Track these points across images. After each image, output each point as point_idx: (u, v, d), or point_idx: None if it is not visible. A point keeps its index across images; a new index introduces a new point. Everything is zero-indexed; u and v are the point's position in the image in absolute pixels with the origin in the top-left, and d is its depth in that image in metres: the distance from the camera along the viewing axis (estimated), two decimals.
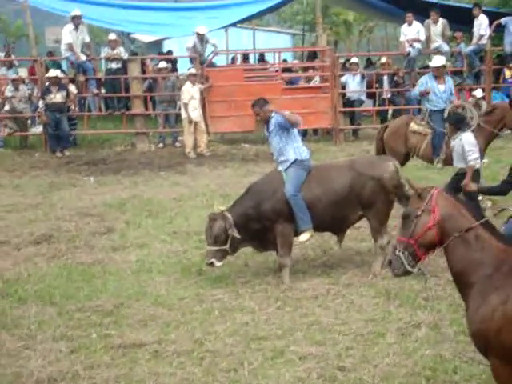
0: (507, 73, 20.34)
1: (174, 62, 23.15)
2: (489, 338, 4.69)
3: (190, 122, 17.07)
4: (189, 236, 10.57)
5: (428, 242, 5.04)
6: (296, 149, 8.80)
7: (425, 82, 12.58)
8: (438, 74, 12.53)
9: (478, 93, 18.98)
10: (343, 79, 19.69)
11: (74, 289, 8.53)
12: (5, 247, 10.30)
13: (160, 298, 8.20)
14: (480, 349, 4.87)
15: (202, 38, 18.79)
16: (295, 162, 8.72)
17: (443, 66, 12.74)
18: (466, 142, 9.61)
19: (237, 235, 8.45)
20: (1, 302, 8.18)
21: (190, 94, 17.07)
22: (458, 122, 9.81)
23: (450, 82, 12.77)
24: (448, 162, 11.18)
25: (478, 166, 9.68)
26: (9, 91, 19.07)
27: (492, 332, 4.66)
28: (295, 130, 8.91)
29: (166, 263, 9.46)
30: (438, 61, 12.71)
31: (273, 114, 8.85)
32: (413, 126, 12.09)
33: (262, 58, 26.74)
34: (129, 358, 6.69)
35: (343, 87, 19.63)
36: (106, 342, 7.02)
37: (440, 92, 12.34)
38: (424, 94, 12.43)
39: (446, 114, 11.66)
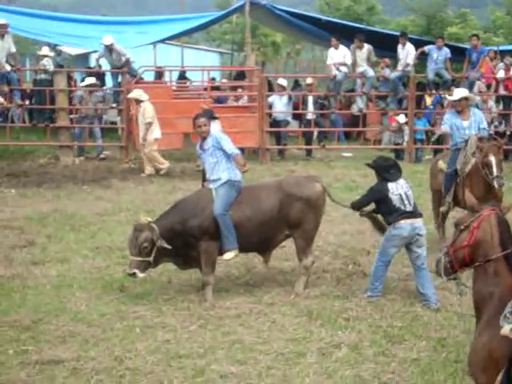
0: (428, 100, 20.89)
1: (102, 76, 22.92)
2: (475, 373, 4.70)
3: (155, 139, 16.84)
4: (111, 251, 10.44)
5: (461, 258, 5.05)
6: (229, 169, 8.80)
7: (449, 119, 10.95)
8: (461, 107, 10.85)
9: (402, 118, 19.47)
10: (270, 99, 19.86)
11: None
12: None
13: (80, 313, 8.06)
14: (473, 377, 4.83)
15: (110, 49, 18.54)
16: (227, 181, 8.72)
17: (465, 99, 10.92)
18: None
19: (166, 246, 8.37)
20: None
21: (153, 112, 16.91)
22: None
23: (477, 114, 10.99)
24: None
25: None
26: None
27: (478, 367, 4.66)
28: None
29: (88, 279, 9.31)
30: (458, 93, 11.02)
31: (212, 134, 8.90)
32: (440, 163, 11.16)
33: (183, 76, 26.66)
34: (46, 375, 6.53)
35: (270, 107, 19.79)
36: (22, 358, 6.84)
37: (463, 128, 10.73)
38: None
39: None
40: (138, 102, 16.96)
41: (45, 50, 19.19)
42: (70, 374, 6.57)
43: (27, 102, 19.70)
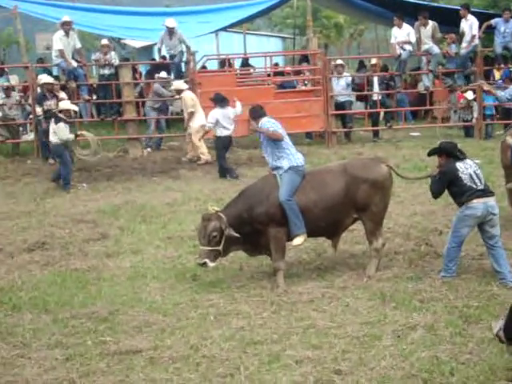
0: (497, 74, 20.42)
1: (167, 67, 23.10)
2: None
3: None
4: (183, 241, 10.55)
5: None
6: (289, 156, 8.79)
7: None
8: None
9: (470, 95, 19.06)
10: None
11: (68, 296, 8.49)
12: None
13: (155, 303, 8.17)
14: None
15: (171, 32, 18.57)
16: (290, 168, 8.72)
17: None
18: None
19: (234, 234, 8.43)
20: None
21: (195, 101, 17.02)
22: None
23: None
24: None
25: None
26: (0, 99, 19.03)
27: None
28: (286, 138, 8.91)
29: (161, 269, 9.43)
30: None
31: (260, 125, 8.89)
32: (508, 139, 10.75)
33: (246, 63, 26.68)
34: (124, 365, 6.65)
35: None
36: (101, 349, 6.98)
37: None
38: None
39: None
40: (179, 92, 17.06)
41: (104, 41, 19.45)
42: (147, 363, 6.67)
43: (94, 97, 19.98)
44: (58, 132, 14.52)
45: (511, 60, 19.12)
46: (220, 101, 15.36)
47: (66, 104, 15.38)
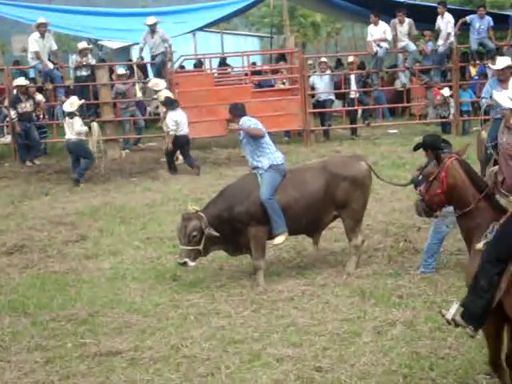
0: (472, 70, 20.56)
1: (144, 67, 23.03)
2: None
3: None
4: (162, 242, 10.53)
5: (437, 202, 5.75)
6: (269, 155, 8.81)
7: (489, 90, 10.84)
8: (504, 77, 10.88)
9: (446, 91, 19.17)
10: (311, 80, 19.76)
11: (47, 298, 8.45)
12: None
13: (135, 304, 8.16)
14: None
15: (152, 30, 18.37)
16: (270, 167, 8.73)
17: (508, 67, 10.90)
18: None
19: (215, 233, 8.43)
20: None
21: None
22: None
23: None
24: None
25: None
26: None
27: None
28: (266, 137, 8.92)
29: (140, 270, 9.42)
30: (502, 62, 10.99)
31: (240, 124, 8.89)
32: (483, 133, 11.02)
33: (223, 62, 26.67)
34: (105, 367, 6.64)
35: (312, 88, 19.70)
36: (81, 351, 6.96)
37: None
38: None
39: None
40: (156, 91, 17.04)
41: (83, 44, 19.34)
42: (128, 365, 6.66)
43: None
44: (74, 125, 14.99)
45: (486, 56, 19.20)
46: (171, 103, 15.57)
47: (74, 100, 15.65)
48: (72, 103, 15.37)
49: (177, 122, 15.45)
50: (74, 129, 15.00)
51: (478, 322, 5.28)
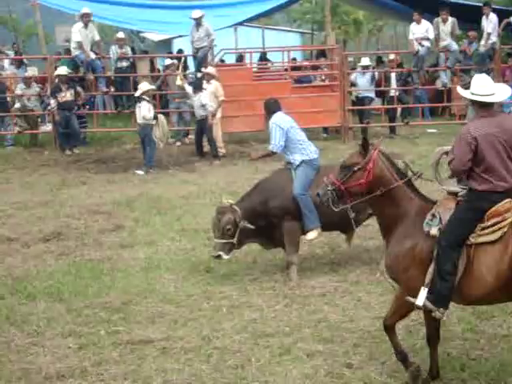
0: None
1: (184, 60, 23.12)
2: (398, 270, 5.92)
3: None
4: (197, 233, 10.59)
5: (355, 192, 6.04)
6: (303, 150, 8.82)
7: None
8: None
9: None
10: (352, 77, 19.70)
11: (82, 286, 8.56)
12: (14, 244, 10.36)
13: (168, 295, 8.23)
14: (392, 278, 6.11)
15: (198, 24, 18.41)
16: (303, 162, 8.74)
17: None
18: None
19: (249, 226, 8.46)
20: (10, 298, 8.22)
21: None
22: None
23: None
24: None
25: None
26: (19, 89, 19.17)
27: (400, 268, 5.88)
28: (298, 133, 8.92)
29: (174, 260, 9.48)
30: None
31: (269, 123, 8.93)
32: None
33: (264, 57, 26.64)
34: (137, 355, 6.70)
35: (352, 85, 19.63)
36: (114, 339, 7.04)
37: None
38: None
39: None
40: (211, 78, 17.01)
41: (120, 34, 19.47)
42: (159, 354, 6.72)
43: (112, 89, 20.02)
44: (140, 112, 15.49)
45: None
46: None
47: (145, 85, 16.03)
48: (140, 89, 15.81)
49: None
50: (140, 113, 15.54)
51: (445, 304, 5.67)
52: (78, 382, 6.19)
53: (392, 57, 21.54)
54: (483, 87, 5.72)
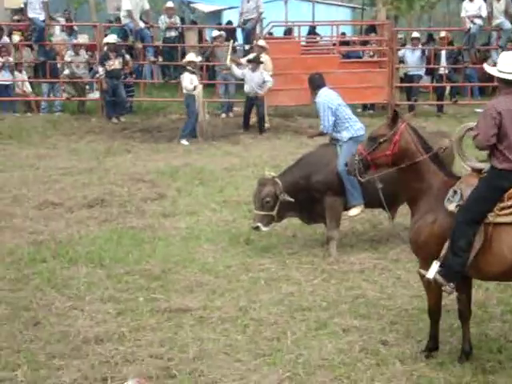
0: None
1: (232, 32, 23.04)
2: (418, 243, 5.90)
3: None
4: (238, 205, 10.62)
5: (381, 163, 6.12)
6: (349, 127, 8.78)
7: None
8: None
9: None
10: (401, 54, 19.46)
11: (123, 252, 8.66)
12: (58, 209, 10.51)
13: (207, 265, 8.28)
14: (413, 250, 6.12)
15: None
16: (350, 138, 8.70)
17: None
18: None
19: (289, 199, 8.45)
20: (52, 262, 8.35)
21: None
22: None
23: None
24: None
25: None
26: (69, 56, 19.32)
27: (420, 242, 5.87)
28: (345, 110, 8.86)
29: (215, 231, 9.53)
30: None
31: (315, 99, 8.88)
32: None
33: (313, 31, 26.40)
34: (174, 323, 6.78)
35: (401, 62, 19.40)
36: (152, 306, 7.12)
37: None
38: None
39: None
40: (262, 51, 16.90)
41: (169, 4, 19.45)
42: (196, 323, 6.78)
43: (160, 59, 20.07)
44: (182, 82, 15.80)
45: None
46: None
47: (191, 56, 16.22)
48: (185, 60, 16.04)
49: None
50: (182, 84, 15.80)
51: (456, 279, 5.72)
52: (115, 347, 6.26)
53: (443, 34, 21.16)
54: (510, 65, 5.59)
